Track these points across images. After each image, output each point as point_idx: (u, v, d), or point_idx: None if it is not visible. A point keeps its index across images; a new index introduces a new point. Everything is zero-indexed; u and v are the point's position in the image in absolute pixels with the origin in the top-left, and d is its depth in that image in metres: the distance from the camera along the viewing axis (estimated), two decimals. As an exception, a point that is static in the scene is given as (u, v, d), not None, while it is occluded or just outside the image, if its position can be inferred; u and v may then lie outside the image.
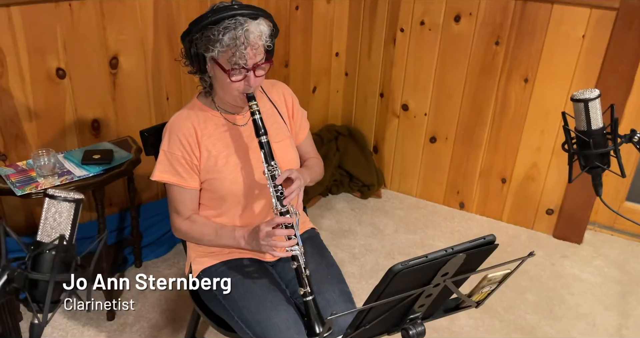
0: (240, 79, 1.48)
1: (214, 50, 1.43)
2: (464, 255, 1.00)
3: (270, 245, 1.48)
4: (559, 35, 2.59)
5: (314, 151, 1.86)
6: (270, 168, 1.50)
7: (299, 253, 1.50)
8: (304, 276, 1.51)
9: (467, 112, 2.94)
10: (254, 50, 1.45)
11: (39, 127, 2.21)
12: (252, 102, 1.50)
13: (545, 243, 2.92)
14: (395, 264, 0.96)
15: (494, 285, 1.23)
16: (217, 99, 1.62)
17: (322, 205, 3.16)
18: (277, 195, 1.50)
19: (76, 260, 0.84)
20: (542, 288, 2.58)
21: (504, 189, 3.01)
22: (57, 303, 0.83)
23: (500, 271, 1.21)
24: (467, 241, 1.02)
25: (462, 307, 1.27)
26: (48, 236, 0.84)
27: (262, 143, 1.50)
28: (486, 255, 1.07)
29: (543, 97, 2.72)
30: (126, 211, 2.57)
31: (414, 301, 1.08)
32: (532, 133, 2.81)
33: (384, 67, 3.11)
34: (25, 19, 2.03)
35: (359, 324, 1.07)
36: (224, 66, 1.46)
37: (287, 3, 2.84)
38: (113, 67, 2.33)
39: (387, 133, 3.23)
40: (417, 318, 1.14)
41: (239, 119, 1.64)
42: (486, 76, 2.82)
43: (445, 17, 2.81)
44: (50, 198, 0.84)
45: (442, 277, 1.05)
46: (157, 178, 1.58)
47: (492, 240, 1.04)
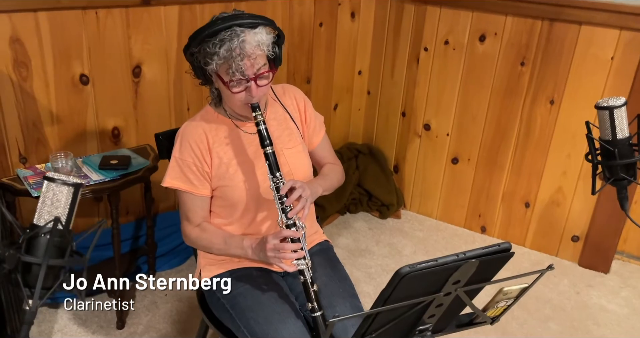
0: (242, 90, 1.46)
1: (212, 63, 1.42)
2: (476, 262, 0.95)
3: (277, 257, 1.43)
4: (587, 56, 2.53)
5: (331, 156, 1.81)
6: (275, 179, 1.47)
7: (305, 267, 1.46)
8: (311, 291, 1.47)
9: (491, 134, 2.88)
10: (252, 60, 1.42)
11: (60, 132, 2.23)
12: (257, 113, 1.47)
13: (570, 271, 2.81)
14: (403, 266, 0.91)
15: (510, 300, 1.17)
16: (227, 107, 1.60)
17: (340, 223, 3.11)
18: (282, 208, 1.46)
19: (72, 246, 0.81)
20: (566, 317, 2.47)
21: (527, 214, 2.92)
22: (50, 289, 0.80)
23: (517, 285, 1.15)
24: (481, 247, 0.96)
25: (475, 322, 1.21)
26: (45, 220, 0.81)
27: (267, 154, 1.47)
28: (501, 264, 1.01)
29: (570, 120, 2.66)
30: (142, 220, 2.56)
31: (424, 310, 1.03)
32: (557, 157, 2.74)
33: (407, 86, 3.09)
34: (52, 24, 2.07)
35: (364, 333, 1.02)
36: (223, 78, 1.45)
37: (311, 20, 2.86)
38: (136, 76, 2.35)
39: (409, 152, 3.19)
40: (427, 330, 1.08)
41: (249, 127, 1.62)
42: (511, 97, 2.77)
43: (470, 36, 2.79)
44: (49, 181, 0.83)
45: (453, 285, 0.99)
46: (168, 184, 1.57)
47: (508, 248, 0.98)
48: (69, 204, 0.83)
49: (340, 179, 1.77)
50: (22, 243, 0.79)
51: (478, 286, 1.03)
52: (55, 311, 2.32)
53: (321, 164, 1.78)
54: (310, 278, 1.46)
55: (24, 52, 2.05)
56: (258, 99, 1.48)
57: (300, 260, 1.44)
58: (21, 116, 2.12)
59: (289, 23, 2.76)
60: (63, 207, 0.82)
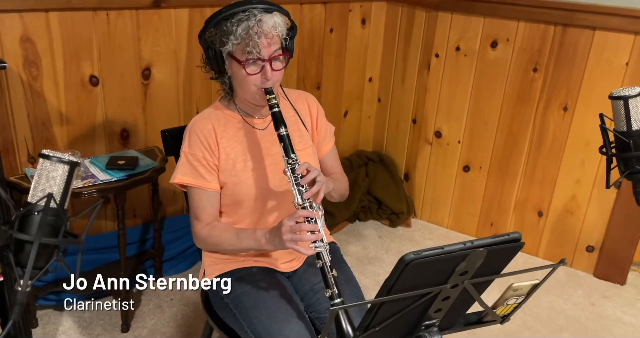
0: (257, 72, 1.45)
1: (229, 43, 1.42)
2: (484, 251, 0.91)
3: (293, 240, 1.36)
4: (601, 62, 2.49)
5: (338, 166, 1.78)
6: (290, 161, 1.43)
7: (323, 250, 1.38)
8: (330, 276, 1.38)
9: (503, 141, 2.84)
10: (268, 39, 1.42)
11: (69, 132, 2.23)
12: (271, 96, 1.46)
13: (585, 282, 2.73)
14: (407, 253, 0.87)
15: (520, 298, 1.13)
16: (237, 101, 1.59)
17: (349, 231, 3.07)
18: (298, 189, 1.41)
19: (66, 226, 0.79)
20: (581, 328, 2.40)
21: (540, 223, 2.86)
22: (41, 270, 0.78)
23: (528, 282, 1.11)
24: (489, 236, 0.93)
25: (485, 321, 1.16)
26: (38, 198, 0.79)
27: (281, 135, 1.44)
28: (510, 255, 0.97)
29: (583, 127, 2.61)
30: (149, 224, 2.54)
31: (430, 303, 0.99)
32: (571, 164, 2.69)
33: (418, 93, 3.07)
34: (62, 24, 2.08)
35: (367, 325, 0.98)
36: (239, 58, 1.43)
37: (322, 25, 2.86)
38: (145, 78, 2.36)
39: (419, 160, 3.15)
40: (434, 325, 1.04)
41: (259, 123, 1.60)
42: (523, 104, 2.73)
43: (482, 43, 2.77)
44: (44, 158, 0.81)
45: (460, 277, 0.95)
46: (178, 180, 1.54)
47: (517, 237, 0.95)
48: (64, 183, 0.81)
49: (346, 190, 1.74)
50: (15, 220, 0.77)
51: (486, 279, 0.99)
52: (60, 313, 2.29)
53: (328, 175, 1.75)
54: (329, 262, 1.39)
55: (34, 52, 2.06)
56: (272, 83, 1.47)
57: (317, 243, 1.38)
58: (30, 115, 2.13)
59: (299, 28, 2.73)
60: (58, 185, 0.80)
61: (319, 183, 1.44)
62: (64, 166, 0.81)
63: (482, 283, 1.00)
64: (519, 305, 1.13)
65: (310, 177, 1.43)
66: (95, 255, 2.38)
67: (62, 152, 0.79)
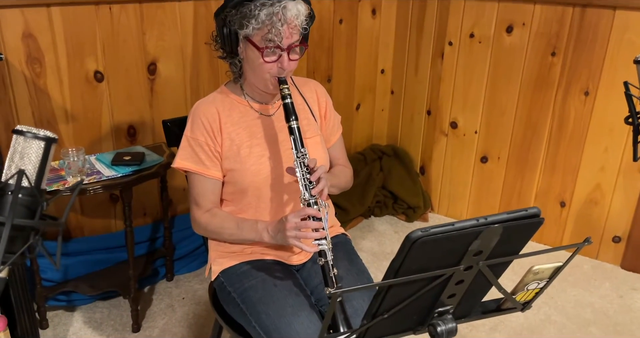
0: (274, 60, 1.39)
1: (249, 26, 1.36)
2: (500, 228, 0.83)
3: (297, 237, 1.32)
4: (623, 43, 2.38)
5: (344, 158, 1.73)
6: (299, 154, 1.38)
7: (326, 248, 1.34)
8: (332, 275, 1.34)
9: (521, 130, 2.74)
10: (291, 29, 1.37)
11: (75, 130, 2.20)
12: (284, 86, 1.41)
13: (612, 274, 2.62)
14: (414, 230, 0.80)
15: (542, 282, 1.04)
16: (246, 86, 1.53)
17: (364, 227, 2.99)
18: (305, 184, 1.37)
19: (42, 207, 0.73)
20: (609, 322, 2.29)
21: (563, 214, 2.75)
22: (16, 254, 0.72)
23: (549, 264, 1.02)
24: (505, 212, 0.85)
25: (504, 308, 1.08)
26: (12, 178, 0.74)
27: (292, 128, 1.39)
28: (529, 233, 0.89)
29: (606, 112, 2.50)
30: (160, 222, 2.50)
31: (442, 288, 0.91)
32: (594, 151, 2.58)
33: (432, 83, 2.98)
34: (65, 19, 2.04)
35: (375, 312, 0.90)
36: (257, 44, 1.38)
37: (331, 16, 2.79)
38: (151, 73, 2.31)
39: (435, 152, 3.06)
40: (447, 312, 0.96)
41: (266, 109, 1.55)
42: (542, 90, 2.63)
43: (497, 28, 2.67)
44: (17, 134, 0.75)
45: (474, 258, 0.87)
46: (178, 164, 1.49)
47: (536, 213, 0.86)
48: (39, 161, 0.75)
49: (349, 182, 1.69)
50: (-13, 201, 0.72)
51: (503, 260, 0.90)
52: (71, 314, 2.26)
53: (332, 165, 1.70)
54: (332, 261, 1.34)
55: (37, 48, 2.03)
56: (287, 73, 1.42)
57: (321, 240, 1.33)
58: (35, 113, 2.10)
59: (307, 20, 2.69)
60: (33, 164, 0.75)
61: (324, 180, 1.40)
62: (39, 143, 0.75)
63: (498, 265, 0.92)
64: (540, 291, 1.05)
65: (319, 172, 1.39)
66: (105, 254, 2.34)
67: (38, 129, 0.74)
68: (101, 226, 2.39)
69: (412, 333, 1.00)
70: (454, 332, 0.96)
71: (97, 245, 2.34)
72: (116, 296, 2.34)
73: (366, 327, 0.92)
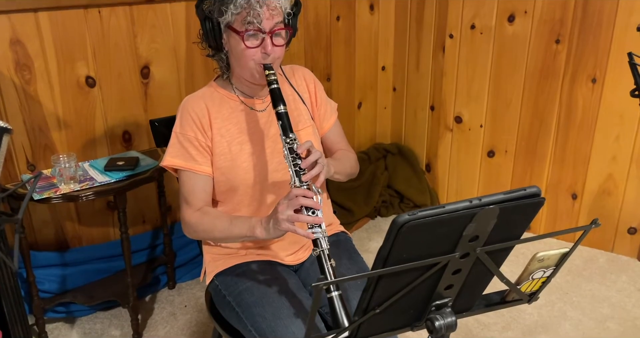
0: (257, 45, 1.33)
1: (228, 12, 1.31)
2: (496, 209, 0.75)
3: (289, 220, 1.22)
4: (629, 27, 2.30)
5: (344, 142, 1.65)
6: (288, 140, 1.31)
7: (321, 236, 1.25)
8: (328, 266, 1.24)
9: (528, 121, 2.66)
10: (271, 10, 1.31)
11: (68, 137, 2.15)
12: (270, 72, 1.35)
13: (629, 267, 2.51)
14: (401, 214, 0.73)
15: (548, 270, 0.96)
16: (234, 80, 1.48)
17: (370, 228, 2.91)
18: (295, 170, 1.29)
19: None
20: (627, 317, 2.19)
21: (575, 206, 2.65)
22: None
23: (555, 251, 0.95)
24: (502, 192, 0.78)
25: (508, 300, 1.00)
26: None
27: (279, 113, 1.33)
28: (529, 215, 0.82)
29: (615, 99, 2.41)
30: (159, 230, 2.44)
31: (438, 278, 0.84)
32: (605, 140, 2.48)
33: (434, 78, 2.91)
34: (53, 24, 2.01)
35: (366, 307, 0.83)
36: (238, 28, 1.32)
37: (328, 13, 2.73)
38: (144, 77, 2.27)
39: (440, 148, 2.98)
40: (446, 305, 0.89)
41: (257, 104, 1.49)
42: (547, 79, 2.55)
43: (498, 18, 2.60)
44: (-34, 124, 0.70)
45: (470, 244, 0.80)
46: (167, 162, 1.43)
47: (536, 192, 0.79)
48: (-9, 152, 0.70)
49: (354, 167, 1.60)
50: None
51: (502, 246, 0.83)
52: (71, 326, 2.21)
53: (333, 151, 1.62)
54: (328, 250, 1.25)
55: (25, 54, 1.99)
56: (272, 59, 1.36)
57: (315, 228, 1.25)
58: (26, 121, 2.05)
59: (304, 17, 2.64)
60: (-15, 155, 0.69)
61: (319, 166, 1.31)
62: (-11, 133, 0.70)
63: (498, 252, 0.85)
64: (547, 280, 0.97)
65: (311, 159, 1.30)
66: (104, 263, 2.29)
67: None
68: (99, 236, 2.34)
69: (409, 329, 0.93)
70: (453, 326, 0.88)
71: (95, 254, 2.28)
72: (117, 306, 2.29)
73: (358, 323, 0.85)
